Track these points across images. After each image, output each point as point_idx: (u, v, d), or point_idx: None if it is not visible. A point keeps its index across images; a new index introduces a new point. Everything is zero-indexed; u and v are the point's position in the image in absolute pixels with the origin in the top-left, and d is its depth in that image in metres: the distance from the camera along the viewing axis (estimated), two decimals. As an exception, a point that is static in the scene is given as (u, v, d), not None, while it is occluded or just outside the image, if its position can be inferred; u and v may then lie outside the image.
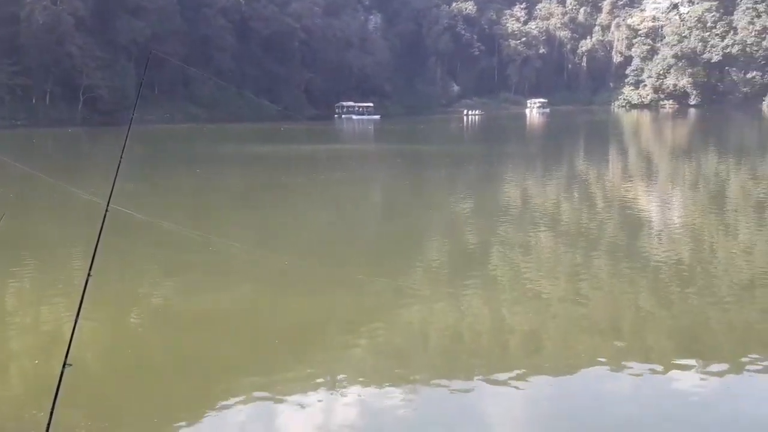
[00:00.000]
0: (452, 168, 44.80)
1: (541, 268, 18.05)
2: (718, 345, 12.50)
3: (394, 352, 12.51)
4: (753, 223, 23.89)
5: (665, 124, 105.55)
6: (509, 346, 12.86)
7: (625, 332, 13.32)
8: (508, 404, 10.22)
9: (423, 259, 19.53)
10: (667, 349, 12.44)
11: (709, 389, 10.58)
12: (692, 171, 41.31)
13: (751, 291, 15.74)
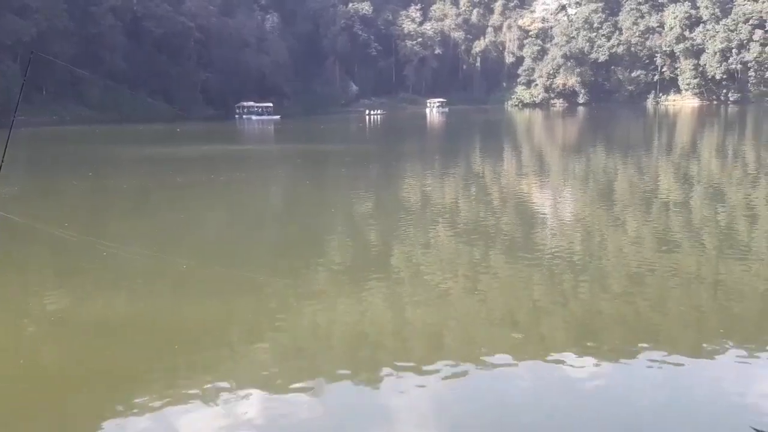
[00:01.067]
0: (354, 167, 44.94)
1: (441, 264, 18.34)
2: (609, 335, 13.00)
3: (297, 352, 12.45)
4: (640, 217, 24.99)
5: (556, 122, 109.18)
6: (412, 342, 13.00)
7: (523, 324, 13.70)
8: (412, 399, 10.32)
9: (325, 259, 19.50)
10: (562, 339, 12.87)
11: (602, 378, 11.02)
12: (582, 167, 42.88)
13: (640, 282, 16.46)
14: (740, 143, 59.77)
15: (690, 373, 11.06)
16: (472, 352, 12.01)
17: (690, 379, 10.94)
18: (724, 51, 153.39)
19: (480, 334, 13.17)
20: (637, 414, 9.70)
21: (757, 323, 13.28)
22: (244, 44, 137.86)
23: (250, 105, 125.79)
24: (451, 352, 12.29)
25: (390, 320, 13.98)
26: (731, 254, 18.84)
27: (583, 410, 9.97)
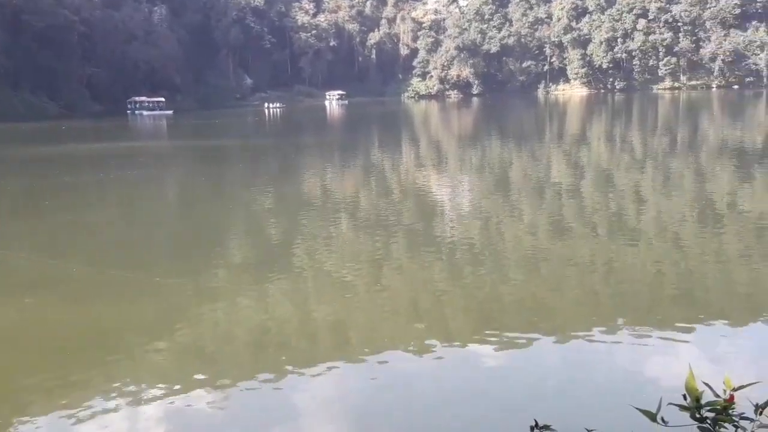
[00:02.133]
0: (252, 162, 44.33)
1: (343, 257, 18.27)
2: (509, 320, 13.26)
3: (198, 353, 12.13)
4: (535, 204, 25.66)
5: (451, 113, 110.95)
6: (316, 337, 12.89)
7: (426, 314, 13.80)
8: (318, 396, 10.22)
9: (224, 257, 19.12)
10: (464, 327, 13.04)
11: (503, 362, 11.22)
12: (478, 157, 43.70)
13: (537, 267, 16.89)
14: (627, 130, 62.32)
15: (585, 354, 11.40)
16: (376, 345, 12.02)
17: (585, 360, 11.28)
18: (609, 40, 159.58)
19: (384, 326, 13.19)
20: (537, 395, 9.92)
21: (647, 304, 13.82)
22: (132, 37, 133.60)
23: (141, 100, 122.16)
24: (355, 346, 12.26)
25: (293, 316, 13.82)
26: (622, 238, 19.59)
27: (486, 394, 10.12)
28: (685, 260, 17.21)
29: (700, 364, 10.43)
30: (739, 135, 52.13)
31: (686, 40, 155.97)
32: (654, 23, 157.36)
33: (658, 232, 20.20)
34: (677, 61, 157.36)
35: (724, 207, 23.87)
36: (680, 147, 45.40)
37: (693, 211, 23.29)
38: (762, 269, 16.11)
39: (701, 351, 11.33)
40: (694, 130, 60.13)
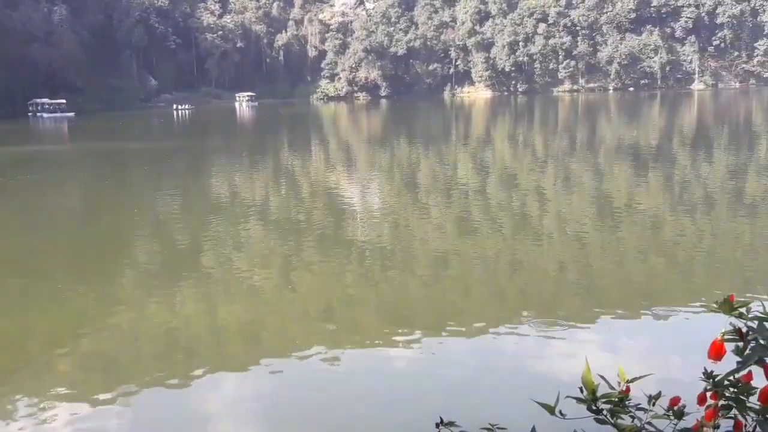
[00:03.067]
0: (159, 165, 43.30)
1: (253, 260, 18.13)
2: (420, 318, 13.45)
3: (104, 361, 11.82)
4: (443, 204, 26.08)
5: (360, 115, 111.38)
6: (225, 341, 12.75)
7: (336, 315, 13.88)
8: (228, 400, 10.13)
9: (130, 262, 18.66)
10: (374, 326, 13.16)
11: (414, 360, 11.39)
12: (387, 158, 44.06)
13: (446, 266, 17.20)
14: (530, 132, 64.04)
15: (492, 351, 11.71)
16: (287, 348, 12.00)
17: (491, 356, 11.58)
18: (511, 44, 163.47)
19: (294, 328, 13.17)
20: (444, 393, 10.11)
21: (550, 300, 14.29)
22: (32, 38, 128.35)
23: (43, 102, 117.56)
24: (266, 349, 12.21)
25: (201, 320, 13.62)
26: (526, 236, 20.17)
27: (394, 393, 10.26)
28: (585, 256, 17.86)
29: (598, 357, 10.88)
30: (634, 135, 54.36)
31: (584, 43, 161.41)
32: (554, 27, 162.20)
33: (560, 230, 20.88)
34: (576, 64, 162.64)
35: (621, 204, 24.87)
36: (580, 147, 46.98)
37: (592, 209, 24.17)
38: (657, 264, 16.90)
39: (600, 344, 11.80)
40: (593, 131, 62.32)
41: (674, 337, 11.66)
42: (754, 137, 49.91)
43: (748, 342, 2.04)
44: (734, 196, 25.75)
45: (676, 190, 28.13)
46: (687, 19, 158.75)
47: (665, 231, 20.59)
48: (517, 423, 2.67)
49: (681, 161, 37.04)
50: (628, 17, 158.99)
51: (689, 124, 66.24)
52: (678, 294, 14.33)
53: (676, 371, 9.80)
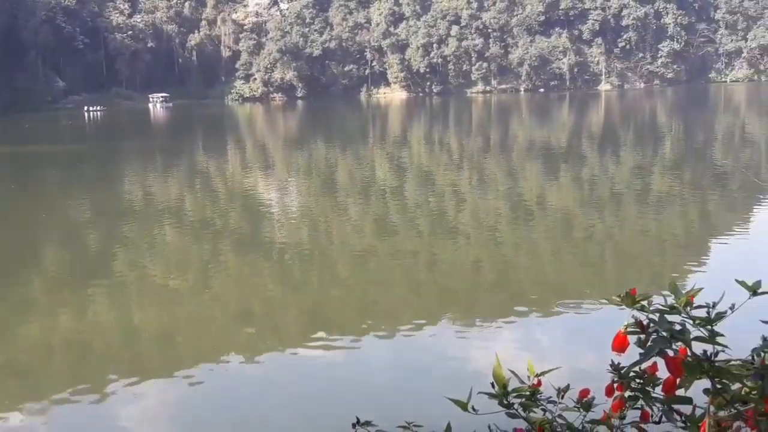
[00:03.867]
0: (71, 168, 41.86)
1: (168, 264, 17.77)
2: (340, 319, 13.48)
3: (17, 370, 11.41)
4: (361, 204, 26.15)
5: (276, 116, 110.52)
6: (141, 347, 12.47)
7: (256, 318, 13.75)
8: (143, 406, 9.93)
9: (40, 269, 18.01)
10: (294, 329, 13.11)
11: (334, 361, 11.40)
12: (305, 159, 43.84)
13: (365, 266, 17.26)
14: (445, 132, 64.84)
15: (410, 349, 11.84)
16: (204, 352, 11.84)
17: (410, 354, 11.70)
18: (425, 46, 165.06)
19: (212, 332, 12.98)
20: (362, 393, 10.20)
21: (467, 297, 14.54)
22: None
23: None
24: (183, 355, 12.01)
25: (115, 326, 13.28)
26: (443, 235, 20.44)
27: (312, 395, 10.28)
28: (500, 254, 18.25)
29: (513, 352, 11.14)
30: (545, 135, 55.76)
31: (496, 45, 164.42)
32: (466, 30, 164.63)
33: (476, 228, 21.24)
34: (488, 65, 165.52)
35: (534, 202, 25.49)
36: (494, 147, 47.87)
37: (507, 207, 24.68)
38: (569, 260, 17.39)
39: (515, 339, 12.07)
40: (506, 131, 63.60)
41: (586, 331, 12.02)
42: (658, 136, 51.93)
43: (649, 334, 2.12)
44: (641, 193, 26.73)
45: (586, 188, 29.00)
46: (594, 22, 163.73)
47: (576, 228, 21.22)
48: (434, 420, 2.71)
49: (590, 160, 38.21)
50: (538, 20, 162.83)
51: (597, 124, 68.38)
52: (589, 288, 14.79)
53: (588, 364, 10.11)
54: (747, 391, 2.10)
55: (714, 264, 16.15)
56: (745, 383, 2.11)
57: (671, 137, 51.12)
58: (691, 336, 2.10)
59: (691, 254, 17.56)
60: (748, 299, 2.21)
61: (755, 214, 22.26)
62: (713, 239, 18.90)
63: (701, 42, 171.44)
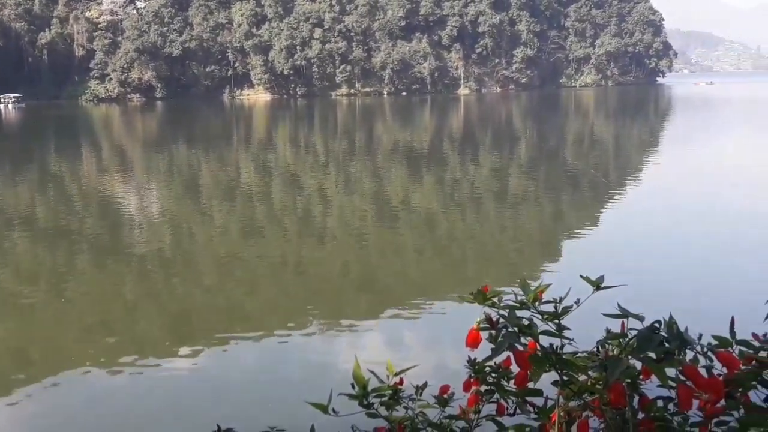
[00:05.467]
0: None
1: (20, 274, 16.81)
2: (205, 325, 13.22)
3: None
4: (226, 208, 25.71)
5: (135, 117, 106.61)
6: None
7: (116, 327, 13.24)
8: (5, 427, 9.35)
9: None
10: (157, 336, 12.73)
11: (197, 368, 11.17)
12: (166, 162, 42.58)
13: (231, 270, 16.98)
14: (310, 135, 64.81)
15: (277, 353, 11.79)
16: (62, 364, 11.32)
17: (277, 358, 11.67)
18: (289, 48, 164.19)
19: (70, 344, 12.41)
20: (226, 399, 10.04)
21: (335, 299, 14.61)
22: None
23: None
24: (39, 368, 11.39)
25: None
26: (310, 237, 20.45)
27: (177, 403, 10.06)
28: (367, 255, 18.45)
29: (376, 353, 11.34)
30: (409, 137, 56.84)
31: (359, 49, 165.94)
32: (330, 33, 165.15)
33: (342, 230, 21.38)
34: (352, 69, 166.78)
35: (399, 204, 25.92)
36: (359, 150, 48.30)
37: (372, 209, 24.98)
38: (433, 260, 17.83)
39: (381, 339, 12.27)
40: (370, 133, 64.33)
41: (449, 328, 12.35)
42: (514, 139, 54.10)
43: (499, 330, 2.22)
44: (499, 193, 27.77)
45: (448, 189, 29.80)
46: (452, 28, 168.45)
47: (439, 228, 21.77)
48: (298, 424, 2.72)
49: (451, 162, 39.29)
50: (399, 25, 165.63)
51: (457, 127, 70.38)
52: (452, 287, 15.20)
53: (450, 360, 10.41)
54: (592, 382, 2.23)
55: (565, 260, 17.01)
56: (589, 374, 2.25)
57: (526, 140, 53.39)
58: (539, 330, 2.22)
59: (545, 251, 18.43)
60: (592, 293, 2.36)
61: (603, 213, 23.63)
62: (565, 237, 19.90)
63: (552, 48, 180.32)
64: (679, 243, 18.37)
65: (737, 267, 15.35)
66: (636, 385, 2.17)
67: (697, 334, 2.14)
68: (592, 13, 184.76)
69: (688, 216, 21.96)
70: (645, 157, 40.37)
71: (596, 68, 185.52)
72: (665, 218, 21.56)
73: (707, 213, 22.40)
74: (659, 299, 12.72)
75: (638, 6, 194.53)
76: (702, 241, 18.59)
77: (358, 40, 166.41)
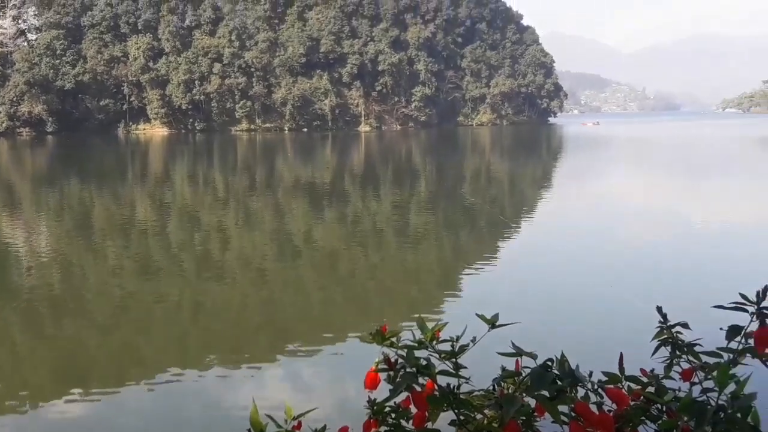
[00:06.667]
0: None
1: None
2: (97, 369, 12.70)
3: None
4: (120, 246, 24.92)
5: (24, 152, 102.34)
6: None
7: (1, 373, 12.51)
8: None
9: None
10: (46, 383, 12.13)
11: (90, 416, 10.68)
12: (56, 199, 41.00)
13: (126, 311, 16.42)
14: (209, 170, 63.86)
15: (174, 396, 11.42)
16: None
17: (174, 402, 11.28)
18: (187, 82, 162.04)
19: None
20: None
21: (234, 339, 14.32)
22: None
23: None
24: None
25: None
26: (208, 275, 20.03)
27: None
28: (268, 293, 18.23)
29: (276, 394, 11.15)
30: (310, 174, 56.85)
31: (259, 85, 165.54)
32: (229, 68, 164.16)
33: (243, 268, 21.06)
34: (252, 104, 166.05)
35: (300, 240, 25.81)
36: (259, 186, 47.93)
37: (273, 246, 24.77)
38: (334, 298, 17.79)
39: (280, 380, 12.09)
40: (271, 169, 63.99)
41: (349, 368, 12.30)
42: (414, 175, 54.96)
43: (398, 370, 2.24)
44: (400, 229, 28.06)
45: (350, 224, 29.89)
46: (352, 66, 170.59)
47: (340, 264, 21.77)
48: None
49: (353, 198, 39.49)
50: (299, 61, 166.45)
51: (358, 164, 70.94)
52: (353, 325, 15.18)
53: (351, 401, 10.35)
54: (489, 421, 2.28)
55: (463, 296, 17.30)
56: (485, 413, 2.29)
57: (426, 176, 54.32)
58: (437, 370, 2.25)
59: (444, 287, 18.69)
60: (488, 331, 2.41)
61: (500, 249, 24.22)
62: (463, 273, 20.24)
63: (450, 88, 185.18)
64: (572, 278, 19.00)
65: (627, 303, 15.99)
66: (530, 423, 2.23)
67: (588, 371, 2.22)
68: (486, 55, 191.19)
69: (581, 251, 22.78)
70: (539, 193, 41.75)
71: (491, 108, 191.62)
72: (559, 254, 22.27)
73: (599, 248, 23.30)
74: (553, 335, 13.09)
75: (530, 48, 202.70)
76: (594, 276, 19.30)
77: (258, 75, 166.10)
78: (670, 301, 15.46)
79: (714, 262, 20.69)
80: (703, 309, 3.99)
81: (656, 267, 20.03)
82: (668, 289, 17.24)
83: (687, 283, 18.04)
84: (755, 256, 21.48)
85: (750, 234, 25.86)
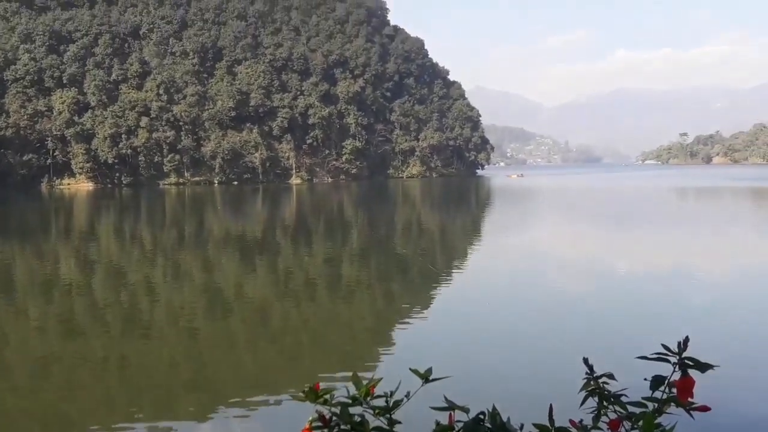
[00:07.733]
0: None
1: None
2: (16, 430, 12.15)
3: None
4: (41, 305, 24.13)
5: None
6: None
7: None
8: None
9: None
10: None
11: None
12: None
13: (47, 372, 15.83)
14: (136, 225, 62.62)
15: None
16: None
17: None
18: (114, 136, 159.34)
19: None
20: None
21: (163, 398, 13.93)
22: None
23: None
24: None
25: None
26: (135, 333, 19.51)
27: None
28: (198, 350, 17.84)
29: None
30: (241, 227, 56.33)
31: (188, 138, 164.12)
32: (157, 121, 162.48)
33: (171, 325, 20.61)
34: (181, 158, 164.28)
35: (231, 295, 25.44)
36: (188, 240, 47.19)
37: (203, 302, 24.32)
38: (267, 353, 17.53)
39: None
40: (201, 223, 63.17)
41: (283, 427, 12.09)
42: (346, 227, 55.04)
43: (332, 428, 2.25)
44: (332, 282, 27.96)
45: (281, 278, 29.64)
46: (283, 119, 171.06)
47: (273, 319, 21.52)
48: None
49: (284, 251, 39.24)
50: (229, 115, 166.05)
51: (290, 217, 70.69)
52: (286, 381, 14.97)
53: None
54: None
55: (397, 349, 17.26)
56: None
57: (357, 228, 54.46)
58: (371, 426, 2.26)
59: (377, 341, 18.64)
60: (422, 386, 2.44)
61: (432, 300, 24.34)
62: (396, 326, 20.22)
63: (380, 141, 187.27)
64: (504, 327, 19.22)
65: (557, 352, 16.23)
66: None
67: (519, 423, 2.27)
68: (415, 109, 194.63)
69: (513, 301, 23.10)
70: (468, 244, 42.29)
71: (421, 160, 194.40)
72: (488, 304, 22.52)
73: (527, 299, 23.66)
74: (485, 387, 13.17)
75: (457, 103, 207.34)
76: (524, 326, 19.56)
77: (187, 129, 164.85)
78: (598, 351, 15.80)
79: (637, 310, 21.21)
80: (628, 359, 4.12)
81: (585, 316, 20.45)
82: (596, 338, 17.61)
83: (613, 333, 18.46)
84: (677, 303, 22.17)
85: (671, 282, 26.70)
